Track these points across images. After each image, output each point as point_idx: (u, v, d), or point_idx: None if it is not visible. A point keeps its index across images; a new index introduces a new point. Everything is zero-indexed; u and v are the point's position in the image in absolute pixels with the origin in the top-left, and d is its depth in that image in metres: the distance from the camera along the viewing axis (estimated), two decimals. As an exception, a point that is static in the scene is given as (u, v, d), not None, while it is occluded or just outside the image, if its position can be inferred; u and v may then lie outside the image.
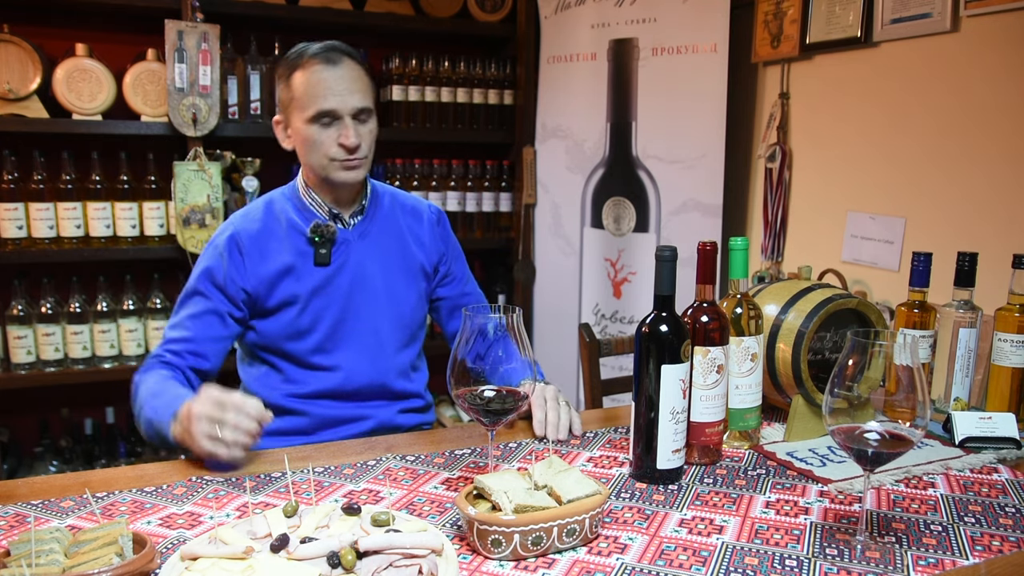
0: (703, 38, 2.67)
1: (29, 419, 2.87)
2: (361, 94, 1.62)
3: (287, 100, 1.64)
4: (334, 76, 1.59)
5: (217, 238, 1.67)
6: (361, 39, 3.16)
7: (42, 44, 2.66)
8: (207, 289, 1.64)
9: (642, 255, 2.88)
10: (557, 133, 3.15)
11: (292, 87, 1.62)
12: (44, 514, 1.16)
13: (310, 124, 1.60)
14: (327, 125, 1.60)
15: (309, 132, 1.61)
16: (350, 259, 1.70)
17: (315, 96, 1.58)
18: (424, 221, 1.81)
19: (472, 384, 1.15)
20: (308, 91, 1.59)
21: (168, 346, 1.62)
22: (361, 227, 1.72)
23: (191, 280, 1.67)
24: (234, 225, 1.68)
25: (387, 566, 0.93)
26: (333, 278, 1.68)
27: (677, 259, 1.29)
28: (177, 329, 1.63)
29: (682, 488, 1.27)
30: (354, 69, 1.62)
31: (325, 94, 1.58)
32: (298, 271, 1.66)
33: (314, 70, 1.59)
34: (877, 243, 2.32)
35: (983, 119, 2.04)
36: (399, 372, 1.76)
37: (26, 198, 2.60)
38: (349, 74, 1.61)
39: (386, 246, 1.74)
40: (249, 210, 1.72)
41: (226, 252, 1.64)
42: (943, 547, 1.08)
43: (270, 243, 1.66)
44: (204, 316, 1.63)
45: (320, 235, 1.66)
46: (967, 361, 1.63)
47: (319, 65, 1.59)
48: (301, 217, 1.69)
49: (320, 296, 1.67)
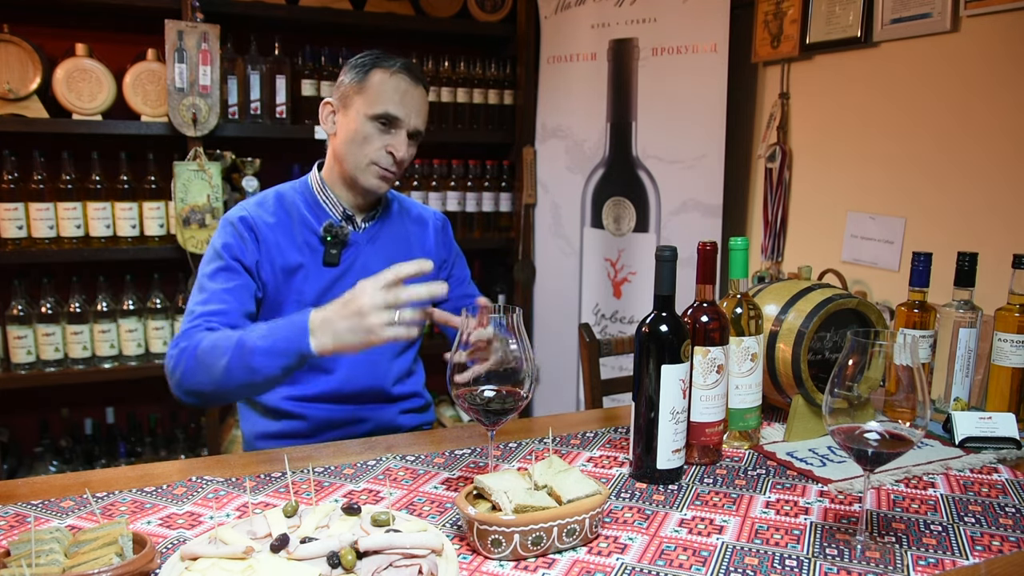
0: (703, 38, 2.67)
1: (29, 419, 2.87)
2: (423, 120, 1.68)
3: (353, 89, 1.63)
4: (413, 92, 1.64)
5: (231, 221, 1.62)
6: (361, 39, 3.16)
7: (42, 44, 2.66)
8: (233, 265, 1.59)
9: (642, 255, 2.88)
10: (557, 133, 3.15)
11: (367, 80, 1.62)
12: (44, 514, 1.16)
13: (370, 121, 1.61)
14: (385, 129, 1.62)
15: (365, 128, 1.62)
16: (357, 262, 1.70)
17: (390, 98, 1.61)
18: (429, 229, 1.83)
19: (472, 384, 1.15)
20: (385, 91, 1.61)
21: (204, 320, 1.50)
22: (372, 230, 1.73)
23: (211, 259, 1.60)
24: (248, 210, 1.65)
25: (387, 566, 0.93)
26: (340, 280, 1.68)
27: (677, 259, 1.29)
28: (211, 303, 1.53)
29: (682, 488, 1.27)
30: (426, 98, 1.69)
31: (400, 101, 1.62)
32: (307, 270, 1.66)
33: (400, 78, 1.62)
34: (877, 243, 2.32)
35: (983, 119, 2.04)
36: (396, 377, 1.76)
37: (26, 198, 2.60)
38: (423, 98, 1.67)
39: (393, 250, 1.74)
40: (262, 200, 1.69)
41: (245, 233, 1.61)
42: (943, 547, 1.08)
43: (283, 235, 1.65)
44: (237, 290, 1.57)
45: (333, 236, 1.66)
46: (967, 361, 1.63)
47: (405, 76, 1.63)
48: (313, 215, 1.68)
49: (326, 297, 1.66)
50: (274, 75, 2.84)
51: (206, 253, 1.64)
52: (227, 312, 1.53)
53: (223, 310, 1.53)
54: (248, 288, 1.60)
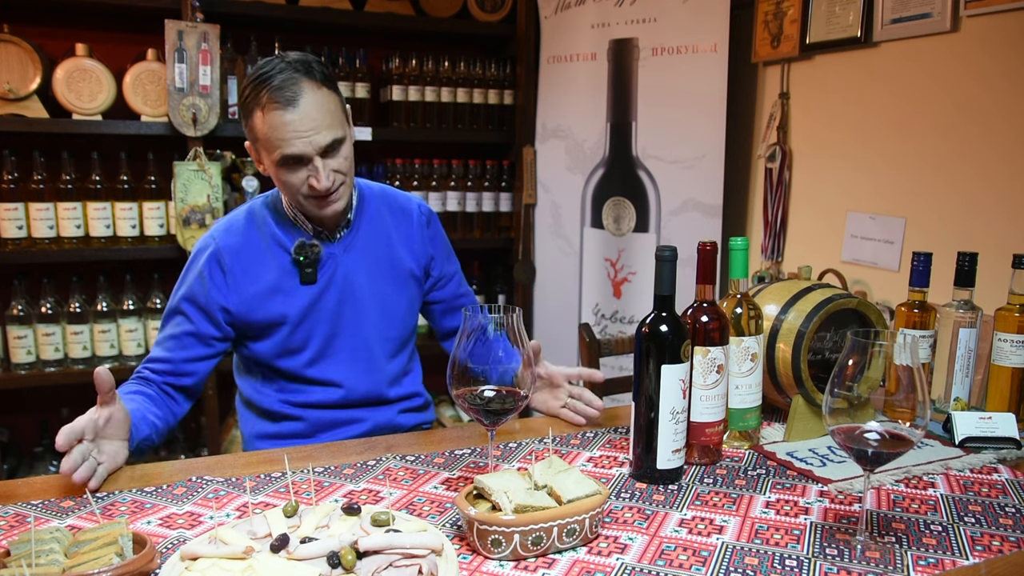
0: (703, 38, 2.67)
1: (29, 419, 2.87)
2: (328, 128, 1.48)
3: (250, 137, 1.55)
4: (295, 118, 1.45)
5: (199, 257, 1.61)
6: (361, 39, 3.16)
7: (42, 44, 2.66)
8: (188, 310, 1.59)
9: (642, 255, 2.88)
10: (557, 133, 3.15)
11: (254, 127, 1.51)
12: (44, 514, 1.16)
13: (279, 167, 1.51)
14: (295, 168, 1.51)
15: (279, 174, 1.53)
16: (337, 273, 1.65)
17: (279, 140, 1.47)
18: (413, 222, 1.76)
19: (472, 384, 1.15)
20: (271, 135, 1.47)
21: (149, 365, 1.60)
22: (347, 240, 1.67)
23: (174, 296, 1.62)
24: (215, 240, 1.61)
25: (387, 566, 0.93)
26: (321, 295, 1.64)
27: (677, 259, 1.29)
28: (158, 348, 1.61)
29: (682, 488, 1.27)
30: (315, 99, 1.46)
31: (289, 138, 1.46)
32: (285, 290, 1.62)
33: (274, 114, 1.45)
34: (877, 243, 2.32)
35: (983, 119, 2.04)
36: (392, 380, 1.75)
37: (26, 198, 2.60)
38: (311, 110, 1.46)
39: (372, 254, 1.70)
40: (231, 223, 1.64)
41: (207, 273, 1.59)
42: (943, 547, 1.08)
43: (253, 259, 1.61)
44: (184, 338, 1.59)
45: (305, 255, 1.60)
46: (967, 361, 1.63)
47: (278, 109, 1.45)
48: (284, 232, 1.63)
49: (310, 315, 1.64)
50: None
51: (178, 279, 1.64)
52: (168, 360, 1.59)
53: (167, 358, 1.59)
54: (197, 335, 1.60)
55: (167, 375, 1.59)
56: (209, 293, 1.59)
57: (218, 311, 1.60)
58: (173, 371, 1.59)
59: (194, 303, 1.59)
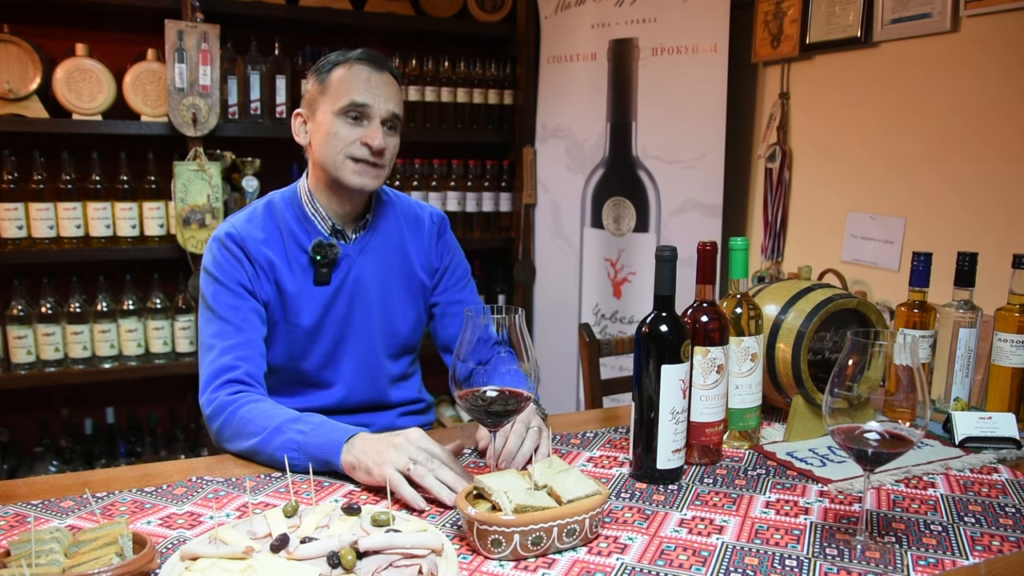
0: (703, 38, 2.67)
1: (29, 419, 2.87)
2: (396, 105, 1.59)
3: (316, 92, 1.58)
4: (377, 78, 1.56)
5: (220, 236, 1.57)
6: (361, 39, 3.16)
7: (42, 44, 2.66)
8: (236, 288, 1.54)
9: (642, 255, 2.88)
10: (557, 133, 3.15)
11: (328, 80, 1.56)
12: (44, 514, 1.16)
13: (338, 116, 1.54)
14: (355, 121, 1.55)
15: (334, 124, 1.54)
16: (349, 276, 1.63)
17: (352, 89, 1.54)
18: (424, 232, 1.74)
19: (474, 386, 1.15)
20: (346, 83, 1.54)
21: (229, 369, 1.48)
22: (363, 241, 1.66)
23: (209, 282, 1.56)
24: (236, 228, 1.58)
25: (387, 566, 0.93)
26: (333, 299, 1.62)
27: (677, 259, 1.29)
28: (228, 337, 1.51)
29: (682, 488, 1.27)
30: (395, 82, 1.61)
31: (364, 88, 1.54)
32: (300, 291, 1.60)
33: (360, 67, 1.55)
34: (877, 243, 2.32)
35: (983, 119, 2.04)
36: (393, 385, 1.74)
37: (26, 198, 2.60)
38: (391, 83, 1.59)
39: (386, 262, 1.68)
40: (251, 215, 1.62)
41: (238, 252, 1.56)
42: (943, 547, 1.08)
43: (274, 255, 1.59)
44: (246, 315, 1.54)
45: (323, 255, 1.59)
46: (967, 361, 1.63)
47: (366, 64, 1.56)
48: (302, 229, 1.61)
49: (320, 318, 1.62)
50: (274, 75, 2.84)
51: (201, 279, 1.58)
52: (247, 344, 1.51)
53: (241, 343, 1.50)
54: (257, 311, 1.56)
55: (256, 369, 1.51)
56: (243, 269, 1.55)
57: (252, 287, 1.56)
58: (254, 362, 1.51)
59: (236, 280, 1.55)
